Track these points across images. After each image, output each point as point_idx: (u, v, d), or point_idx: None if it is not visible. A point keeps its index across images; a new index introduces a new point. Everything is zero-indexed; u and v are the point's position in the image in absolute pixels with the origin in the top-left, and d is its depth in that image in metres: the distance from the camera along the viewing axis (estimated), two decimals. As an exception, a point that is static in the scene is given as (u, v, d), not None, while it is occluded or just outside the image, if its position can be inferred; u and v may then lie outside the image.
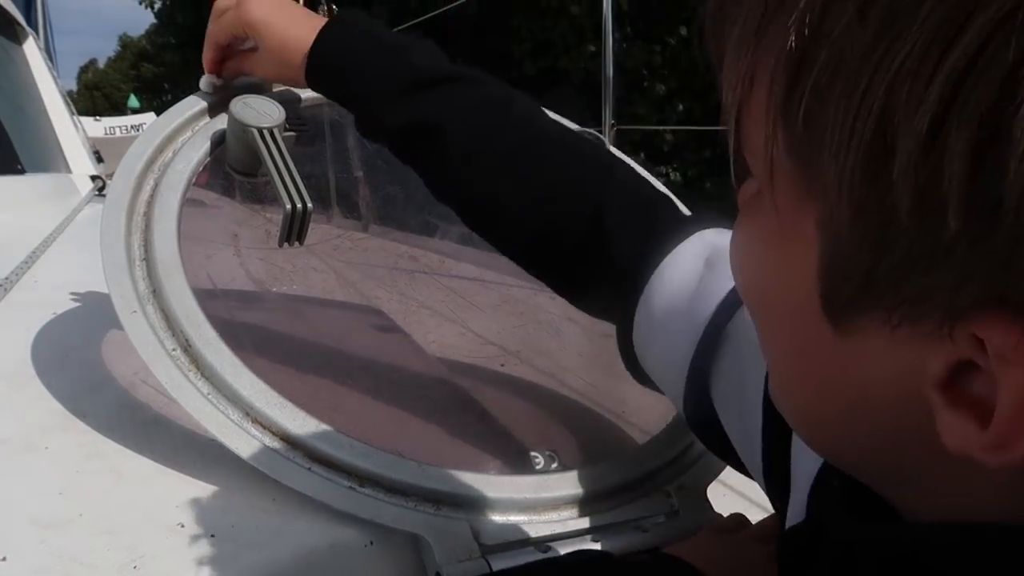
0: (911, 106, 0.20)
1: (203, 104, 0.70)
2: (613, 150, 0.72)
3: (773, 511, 0.60)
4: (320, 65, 0.63)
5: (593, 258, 0.56)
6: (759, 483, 0.46)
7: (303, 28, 0.63)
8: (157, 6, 17.00)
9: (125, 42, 30.05)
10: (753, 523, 0.54)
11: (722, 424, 0.49)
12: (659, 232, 0.53)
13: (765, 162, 0.25)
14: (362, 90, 0.61)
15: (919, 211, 0.20)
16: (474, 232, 0.63)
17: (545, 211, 0.57)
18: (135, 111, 10.65)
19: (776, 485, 0.43)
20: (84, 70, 33.90)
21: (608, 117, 1.93)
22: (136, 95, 16.32)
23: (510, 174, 0.58)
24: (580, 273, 0.58)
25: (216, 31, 0.67)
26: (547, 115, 0.63)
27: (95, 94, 29.32)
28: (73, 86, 31.67)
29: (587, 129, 0.86)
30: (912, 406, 0.23)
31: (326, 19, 0.65)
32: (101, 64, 33.42)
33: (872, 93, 0.20)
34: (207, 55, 0.69)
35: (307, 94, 0.75)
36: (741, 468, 0.50)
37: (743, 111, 0.26)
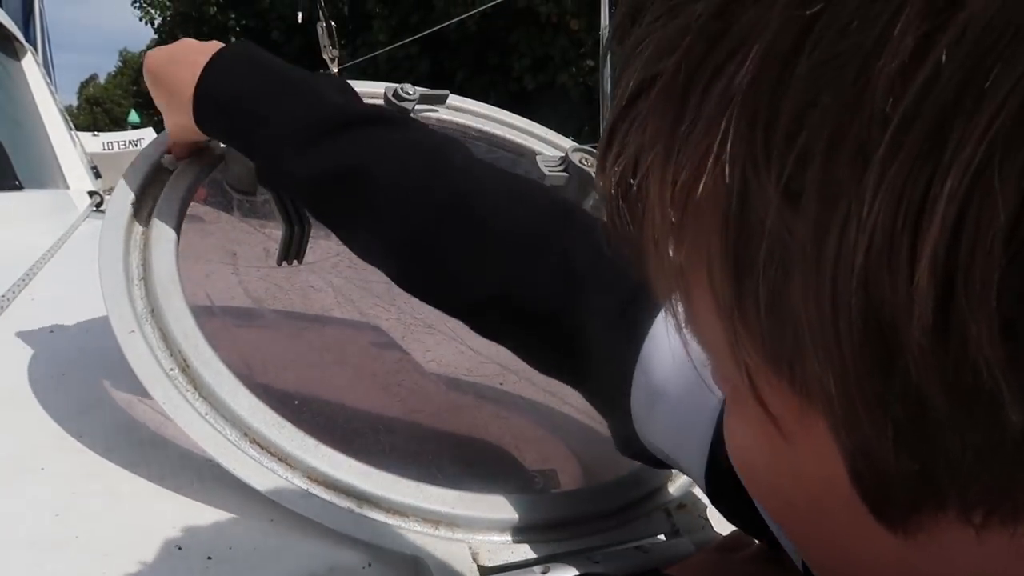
0: (901, 294, 0.16)
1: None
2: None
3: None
4: (209, 105, 0.54)
5: (563, 322, 0.48)
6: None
7: (192, 67, 0.54)
8: (157, 22, 17.10)
9: (126, 57, 30.20)
10: (754, 542, 0.54)
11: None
12: (642, 287, 0.46)
13: (737, 367, 0.21)
14: (265, 132, 0.53)
15: (959, 405, 0.16)
16: (412, 295, 0.54)
17: (502, 268, 0.49)
18: (136, 126, 10.68)
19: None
20: (85, 85, 34.03)
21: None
22: (137, 110, 16.36)
23: (454, 227, 0.50)
24: (548, 338, 0.50)
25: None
26: (485, 161, 0.54)
27: (96, 109, 29.44)
28: (74, 101, 31.81)
29: (585, 147, 0.86)
30: None
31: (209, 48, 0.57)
32: (102, 79, 33.56)
33: (843, 287, 0.17)
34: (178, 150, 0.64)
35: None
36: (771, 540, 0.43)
37: (685, 301, 0.22)
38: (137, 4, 17.17)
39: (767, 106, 0.17)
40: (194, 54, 0.56)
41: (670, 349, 0.44)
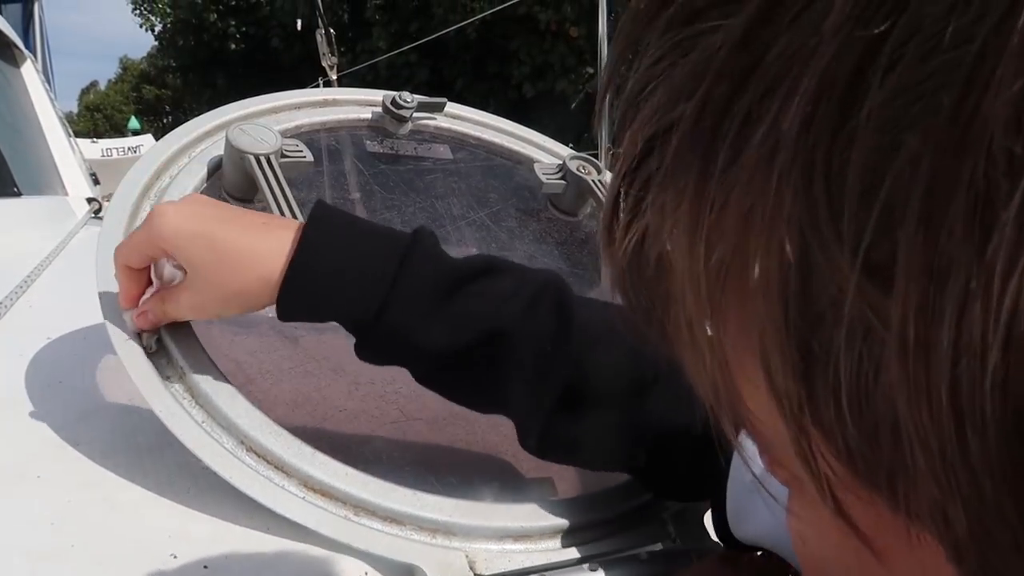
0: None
1: (201, 130, 0.71)
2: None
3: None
4: (302, 289, 0.50)
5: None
6: None
7: (258, 238, 0.50)
8: (157, 29, 17.14)
9: (126, 64, 30.26)
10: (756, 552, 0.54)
11: None
12: None
13: (812, 476, 0.17)
14: (386, 313, 0.49)
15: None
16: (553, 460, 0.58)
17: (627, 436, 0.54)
18: (136, 133, 10.71)
19: None
20: (85, 92, 34.09)
21: (604, 141, 1.94)
22: (137, 117, 16.41)
23: (574, 393, 0.51)
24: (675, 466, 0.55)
25: (120, 252, 0.53)
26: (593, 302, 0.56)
27: (96, 116, 29.48)
28: (74, 108, 31.86)
29: (583, 155, 0.86)
30: None
31: (286, 219, 0.53)
32: (102, 86, 33.62)
33: (970, 390, 0.13)
34: (122, 285, 0.54)
35: (301, 121, 0.76)
36: None
37: (731, 393, 0.18)
38: (137, 11, 17.21)
39: (827, 155, 0.13)
40: (247, 221, 0.51)
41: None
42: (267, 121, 0.71)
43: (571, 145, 0.90)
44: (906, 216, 0.13)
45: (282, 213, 0.62)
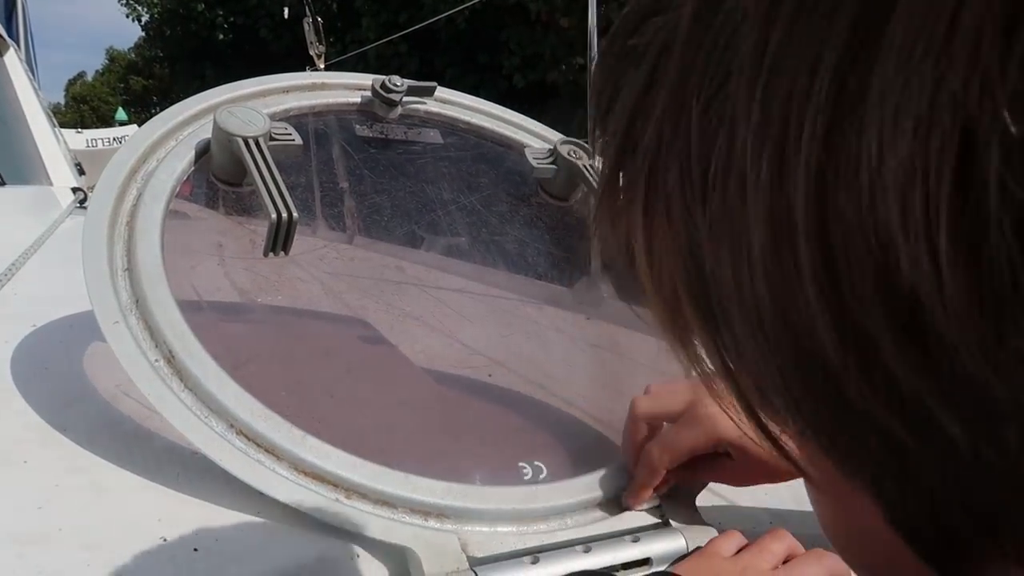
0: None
1: (188, 113, 0.70)
2: None
3: (764, 521, 0.60)
4: None
5: None
6: None
7: None
8: (144, 19, 17.00)
9: (113, 55, 30.01)
10: (746, 539, 0.54)
11: None
12: None
13: (744, 412, 0.21)
14: None
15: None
16: None
17: None
18: (123, 124, 10.62)
19: None
20: (72, 83, 33.80)
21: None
22: (124, 108, 16.29)
23: None
24: None
25: (674, 445, 0.56)
26: None
27: (83, 107, 29.23)
28: (61, 99, 31.60)
29: (574, 140, 0.86)
30: None
31: None
32: (90, 77, 33.34)
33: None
34: (646, 476, 0.57)
35: (290, 105, 0.75)
36: None
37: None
38: (124, 2, 17.06)
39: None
40: None
41: None
42: (255, 104, 0.70)
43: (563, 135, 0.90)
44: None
45: (271, 196, 0.61)
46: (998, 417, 0.14)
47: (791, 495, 0.70)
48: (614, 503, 0.60)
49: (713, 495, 0.67)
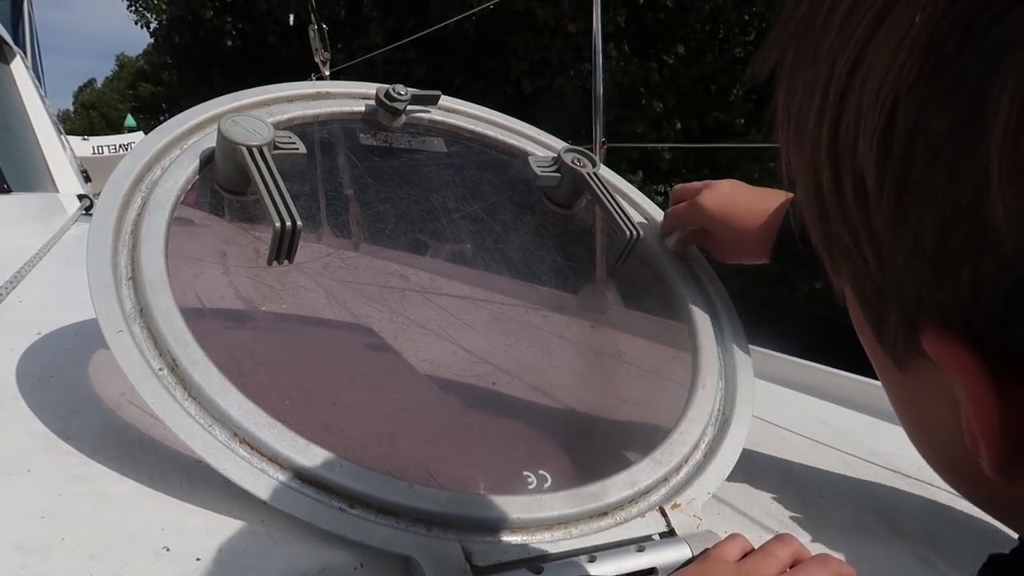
0: (820, 166, 0.23)
1: (193, 122, 0.70)
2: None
3: (767, 528, 0.60)
4: (787, 250, 0.68)
5: None
6: None
7: (761, 215, 0.68)
8: (153, 26, 17.08)
9: (123, 62, 30.15)
10: (752, 544, 0.53)
11: None
12: None
13: (812, 235, 0.26)
14: None
15: (858, 253, 0.22)
16: None
17: None
18: (132, 130, 10.67)
19: None
20: (82, 89, 33.95)
21: (599, 135, 1.93)
22: (132, 115, 16.35)
23: None
24: None
25: (676, 218, 0.77)
26: None
27: (92, 113, 29.36)
28: (70, 106, 31.75)
29: (578, 147, 0.86)
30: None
31: (779, 196, 0.70)
32: (99, 84, 33.48)
33: (809, 160, 0.23)
34: (668, 223, 0.80)
35: (294, 113, 0.75)
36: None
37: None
38: (133, 8, 17.14)
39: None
40: (760, 198, 0.71)
41: None
42: (260, 113, 0.70)
43: (569, 141, 0.90)
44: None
45: (275, 204, 0.61)
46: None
47: (798, 503, 0.69)
48: (620, 512, 0.59)
49: (718, 504, 0.66)
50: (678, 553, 0.56)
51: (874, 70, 0.20)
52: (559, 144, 0.89)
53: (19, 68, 1.88)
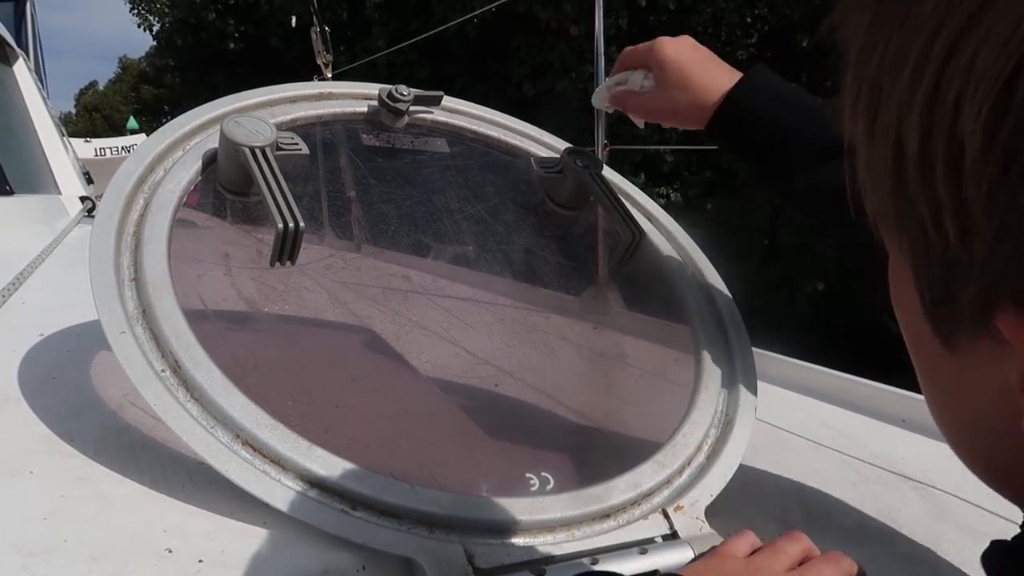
0: (907, 131, 0.22)
1: (196, 123, 0.70)
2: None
3: (772, 531, 0.59)
4: (730, 115, 0.67)
5: None
6: None
7: (712, 77, 0.68)
8: (156, 28, 17.10)
9: (125, 64, 30.18)
10: (760, 542, 0.53)
11: None
12: None
13: (870, 204, 0.27)
14: (774, 149, 0.65)
15: (935, 225, 0.22)
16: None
17: None
18: (134, 133, 10.68)
19: None
20: (84, 92, 33.99)
21: (601, 137, 1.93)
22: (135, 117, 16.36)
23: None
24: None
25: (628, 57, 0.73)
26: None
27: (94, 116, 29.38)
28: (72, 108, 31.80)
29: (581, 149, 0.86)
30: (1019, 423, 0.23)
31: (734, 71, 0.69)
32: (102, 86, 33.52)
33: (891, 125, 0.23)
34: (624, 60, 0.75)
35: (297, 114, 0.75)
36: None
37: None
38: (135, 11, 17.17)
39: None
40: (713, 66, 0.69)
41: None
42: (262, 114, 0.70)
43: (572, 143, 0.90)
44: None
45: (277, 206, 0.61)
46: None
47: (800, 506, 0.69)
48: (623, 514, 0.59)
49: (722, 507, 0.66)
50: (681, 555, 0.56)
51: (994, 31, 0.20)
52: (562, 145, 0.89)
53: (22, 70, 1.89)
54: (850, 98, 0.25)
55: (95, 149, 7.09)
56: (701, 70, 0.69)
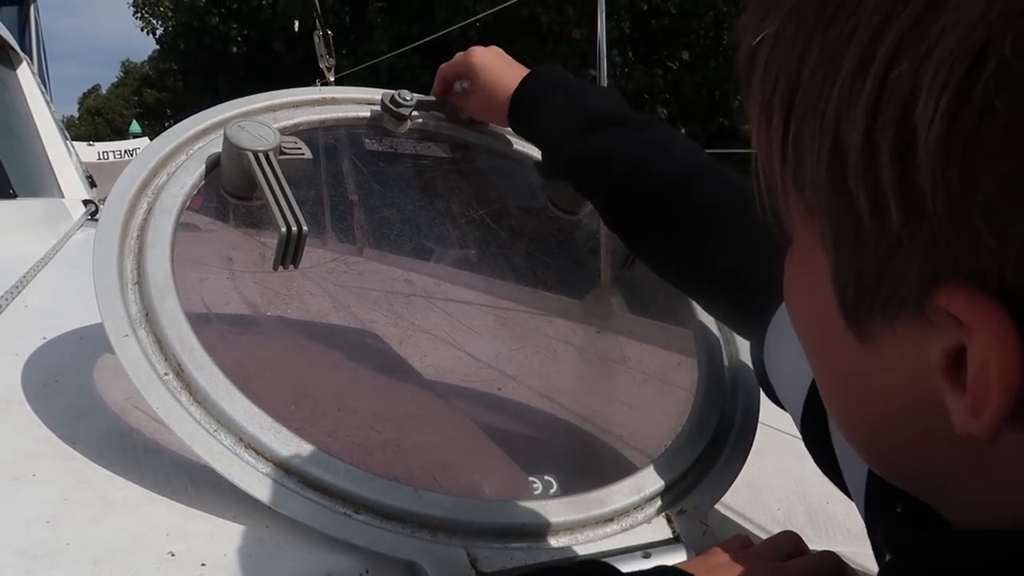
0: (849, 123, 0.22)
1: (199, 127, 0.70)
2: None
3: (772, 532, 0.59)
4: (518, 107, 0.74)
5: (733, 280, 0.59)
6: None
7: (510, 77, 0.75)
8: (159, 32, 17.15)
9: (128, 68, 30.25)
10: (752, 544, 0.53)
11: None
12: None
13: (781, 195, 0.27)
14: (547, 129, 0.72)
15: (874, 212, 0.22)
16: (634, 255, 0.72)
17: (695, 236, 0.62)
18: (136, 136, 10.70)
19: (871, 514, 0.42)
20: (87, 95, 34.08)
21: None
22: (138, 120, 16.40)
23: (666, 202, 0.63)
24: (725, 290, 0.61)
25: (446, 68, 0.81)
26: (703, 153, 0.68)
27: (97, 119, 29.46)
28: (75, 112, 31.87)
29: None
30: (931, 404, 0.24)
31: (529, 70, 0.76)
32: (104, 90, 33.60)
33: (827, 119, 0.23)
34: (436, 88, 0.83)
35: (300, 119, 0.75)
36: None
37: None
38: (139, 15, 17.23)
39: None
40: (511, 68, 0.77)
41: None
42: (266, 119, 0.71)
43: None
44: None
45: (281, 210, 0.61)
46: None
47: (804, 509, 0.69)
48: (626, 518, 0.59)
49: (725, 511, 0.66)
50: (684, 559, 0.56)
51: (951, 24, 0.20)
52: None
53: (25, 74, 1.89)
54: (759, 91, 0.26)
55: (98, 153, 7.10)
56: (503, 73, 0.76)
